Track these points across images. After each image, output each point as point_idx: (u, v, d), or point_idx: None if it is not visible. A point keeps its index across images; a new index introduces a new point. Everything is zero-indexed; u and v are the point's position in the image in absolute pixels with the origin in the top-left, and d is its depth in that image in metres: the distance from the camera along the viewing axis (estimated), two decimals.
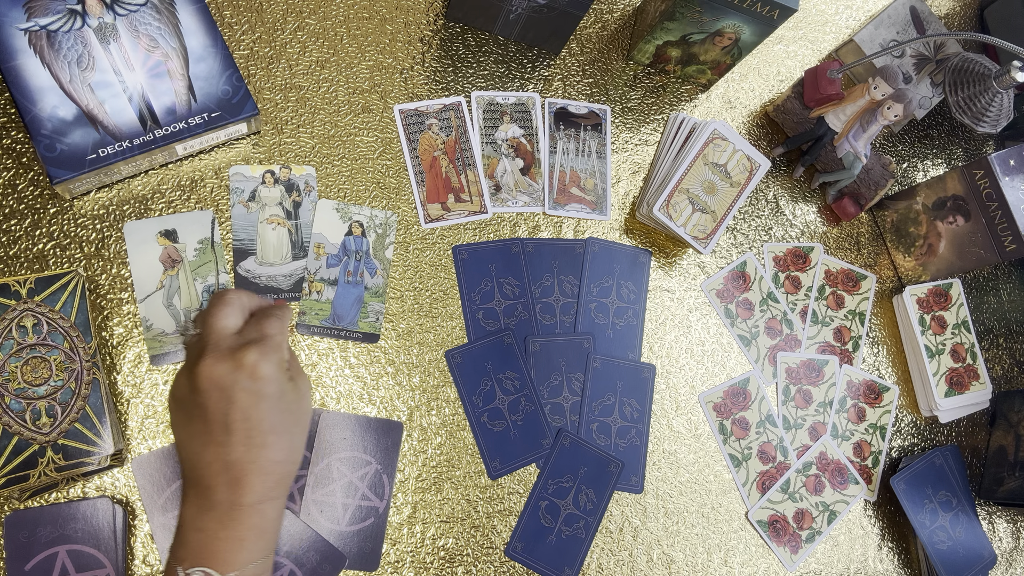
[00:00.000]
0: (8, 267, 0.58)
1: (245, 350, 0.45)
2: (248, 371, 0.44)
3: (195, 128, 0.61)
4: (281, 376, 0.46)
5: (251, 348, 0.45)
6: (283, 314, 0.50)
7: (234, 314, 0.47)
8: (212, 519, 0.45)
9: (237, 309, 0.48)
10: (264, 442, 0.45)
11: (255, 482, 0.45)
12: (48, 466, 0.53)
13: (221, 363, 0.45)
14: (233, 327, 0.47)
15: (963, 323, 0.83)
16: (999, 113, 0.78)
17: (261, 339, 0.46)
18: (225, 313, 0.47)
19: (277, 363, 0.46)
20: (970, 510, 0.78)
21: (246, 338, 0.46)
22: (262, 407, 0.45)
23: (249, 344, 0.45)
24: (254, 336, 0.46)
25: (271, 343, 0.46)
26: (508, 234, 0.72)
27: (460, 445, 0.65)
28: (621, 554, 0.68)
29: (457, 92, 0.74)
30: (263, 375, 0.45)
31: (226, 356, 0.45)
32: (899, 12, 0.90)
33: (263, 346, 0.45)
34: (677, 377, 0.74)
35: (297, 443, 0.48)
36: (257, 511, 0.45)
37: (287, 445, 0.47)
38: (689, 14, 0.72)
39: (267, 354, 0.45)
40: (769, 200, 0.82)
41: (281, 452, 0.46)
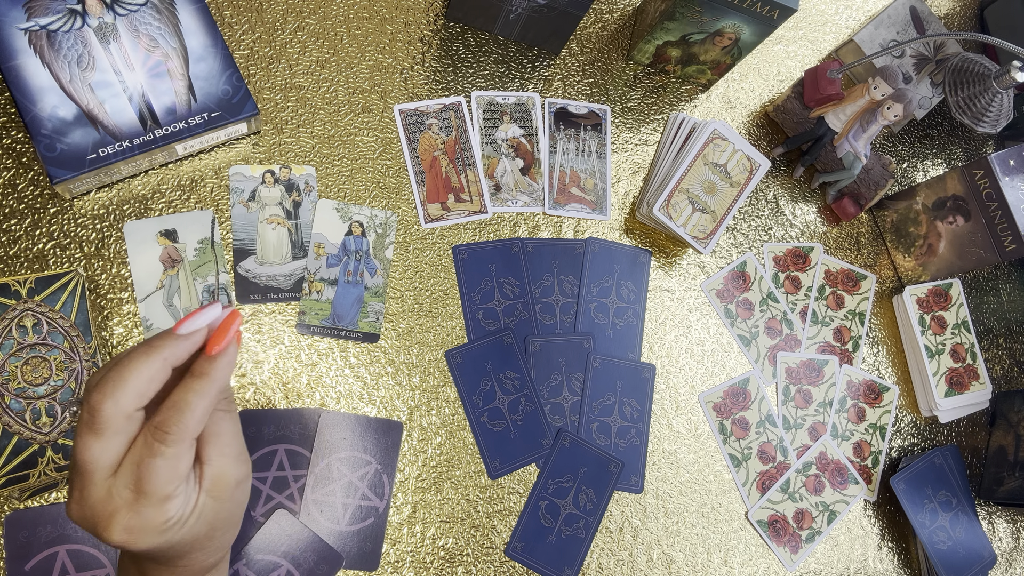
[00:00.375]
0: (8, 267, 0.58)
1: (108, 526, 0.35)
2: (117, 546, 0.35)
3: (195, 128, 0.61)
4: (164, 539, 0.36)
5: (115, 524, 0.35)
6: (195, 404, 0.36)
7: (106, 448, 0.35)
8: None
9: (112, 437, 0.35)
10: (169, 562, 0.39)
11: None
12: (48, 466, 0.53)
13: (85, 524, 0.35)
14: (104, 467, 0.35)
15: (963, 323, 0.83)
16: (999, 113, 0.78)
17: (133, 503, 0.35)
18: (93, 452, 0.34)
19: (156, 531, 0.35)
20: (970, 510, 0.78)
21: (113, 502, 0.35)
22: (153, 554, 0.37)
23: (114, 516, 0.35)
24: (124, 498, 0.35)
25: (146, 509, 0.35)
26: (508, 234, 0.72)
27: (460, 445, 0.65)
28: (621, 554, 0.68)
29: (457, 92, 0.74)
30: (135, 551, 0.36)
31: (89, 522, 0.35)
32: (899, 12, 0.90)
33: (133, 519, 0.35)
34: (677, 377, 0.74)
35: (216, 545, 0.40)
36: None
37: (200, 556, 0.39)
38: (689, 14, 0.72)
39: (137, 531, 0.35)
40: (769, 200, 0.82)
41: (193, 561, 0.39)
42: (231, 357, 0.38)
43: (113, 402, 0.35)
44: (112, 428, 0.35)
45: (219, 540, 0.40)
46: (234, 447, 0.39)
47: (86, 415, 0.35)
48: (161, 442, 0.35)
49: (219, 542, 0.40)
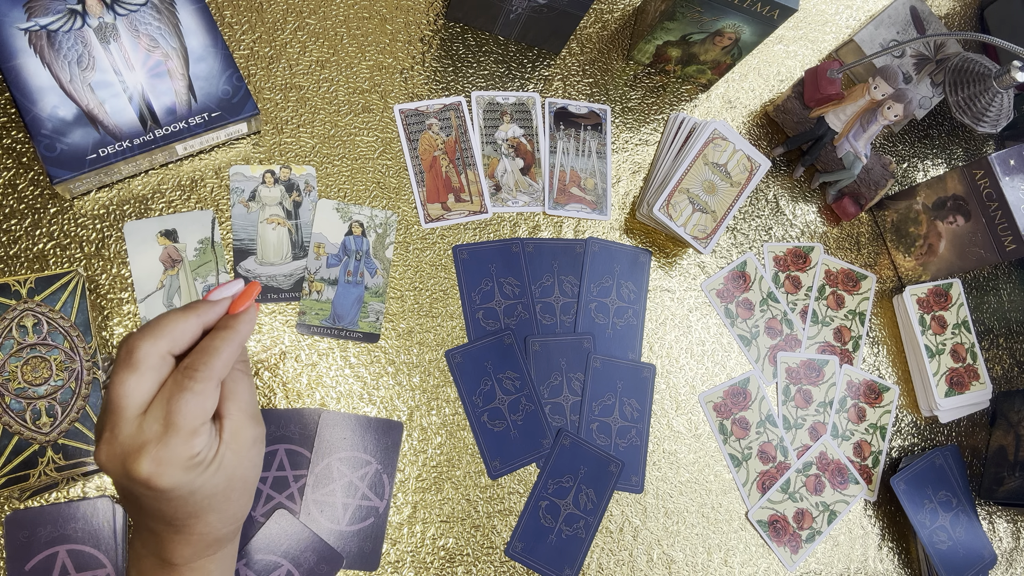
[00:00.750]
0: (8, 267, 0.58)
1: (137, 459, 0.37)
2: (142, 484, 0.38)
3: (195, 128, 0.61)
4: (188, 477, 0.38)
5: (144, 456, 0.37)
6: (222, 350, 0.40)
7: (139, 385, 0.38)
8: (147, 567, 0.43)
9: (146, 373, 0.38)
10: (185, 524, 0.41)
11: (182, 548, 0.41)
12: (48, 466, 0.53)
13: (112, 463, 0.38)
14: (136, 405, 0.38)
15: (963, 323, 0.83)
16: (999, 113, 0.78)
17: (162, 436, 0.38)
18: (127, 387, 0.38)
19: (182, 466, 0.38)
20: (970, 510, 0.78)
21: (143, 435, 0.37)
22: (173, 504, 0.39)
23: (144, 448, 0.37)
24: (153, 432, 0.38)
25: (174, 440, 0.38)
26: (508, 234, 0.72)
27: (460, 445, 0.65)
28: (621, 554, 0.68)
29: (457, 92, 0.74)
30: (160, 488, 0.38)
31: (118, 458, 0.38)
32: (899, 12, 0.90)
33: (161, 450, 0.37)
34: (677, 377, 0.74)
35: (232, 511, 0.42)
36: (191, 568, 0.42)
37: (216, 519, 0.41)
38: (689, 14, 0.72)
39: (165, 463, 0.37)
40: (769, 200, 0.82)
41: (208, 526, 0.41)
42: (252, 316, 0.43)
43: (151, 341, 0.39)
44: (146, 364, 0.38)
45: (234, 506, 0.42)
46: (251, 406, 0.43)
47: (124, 354, 0.39)
48: (190, 379, 0.39)
49: (233, 508, 0.42)
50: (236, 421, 0.41)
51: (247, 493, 0.43)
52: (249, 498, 0.44)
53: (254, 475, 0.43)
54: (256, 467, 0.43)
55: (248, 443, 0.42)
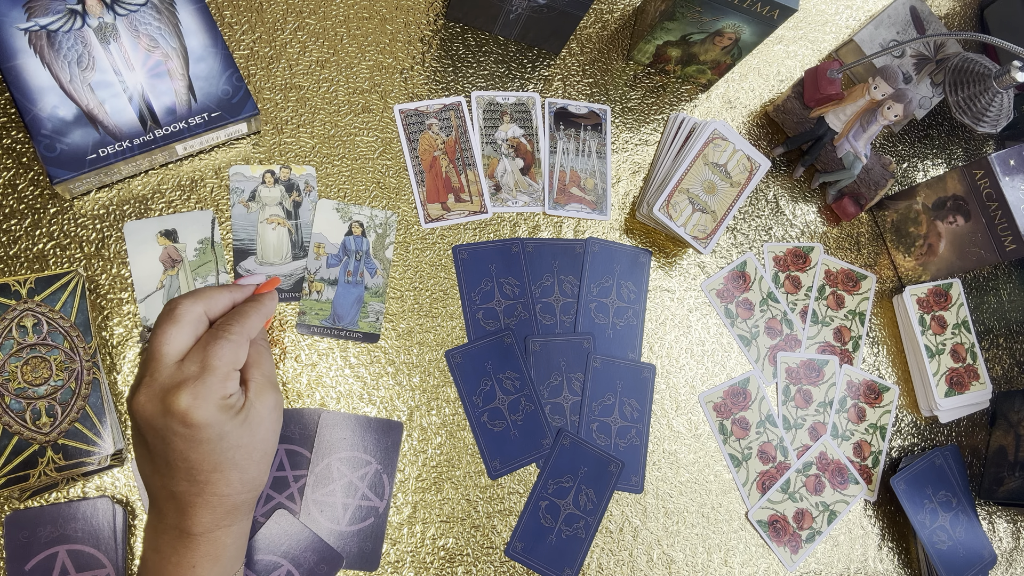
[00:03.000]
0: (8, 267, 0.58)
1: (177, 393, 0.41)
2: (179, 418, 0.41)
3: (195, 128, 0.61)
4: (220, 417, 0.42)
5: (184, 391, 0.41)
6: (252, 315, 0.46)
7: (180, 335, 0.43)
8: (166, 542, 0.44)
9: (186, 326, 0.43)
10: (208, 479, 0.43)
11: (202, 514, 0.43)
12: (48, 466, 0.53)
13: (151, 403, 0.41)
14: (175, 352, 0.43)
15: (963, 323, 0.83)
16: (999, 113, 0.78)
17: (200, 375, 0.42)
18: (169, 335, 0.43)
19: (216, 404, 0.42)
20: (970, 510, 0.78)
21: (183, 374, 0.42)
22: (201, 450, 0.42)
23: (183, 385, 0.41)
24: (192, 371, 0.42)
25: (211, 379, 0.42)
26: (508, 234, 0.72)
27: (460, 445, 0.65)
28: (621, 554, 0.68)
29: (457, 92, 0.74)
30: (196, 422, 0.41)
31: (157, 396, 0.41)
32: (899, 12, 0.90)
33: (199, 386, 0.41)
34: (677, 377, 0.74)
35: (251, 474, 0.45)
36: (208, 539, 0.44)
37: (236, 478, 0.44)
38: (689, 14, 0.72)
39: (202, 397, 0.41)
40: (769, 200, 0.82)
41: (228, 487, 0.44)
42: (274, 297, 0.51)
43: (191, 300, 0.45)
44: (185, 319, 0.44)
45: (254, 468, 0.45)
46: (272, 375, 0.48)
47: (166, 311, 0.44)
48: (226, 331, 0.44)
49: (253, 472, 0.45)
50: (259, 384, 0.46)
51: (266, 459, 0.47)
52: (267, 466, 0.47)
53: (273, 440, 0.47)
54: (275, 433, 0.47)
55: (270, 405, 0.46)
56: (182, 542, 0.44)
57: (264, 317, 0.48)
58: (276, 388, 0.47)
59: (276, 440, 0.47)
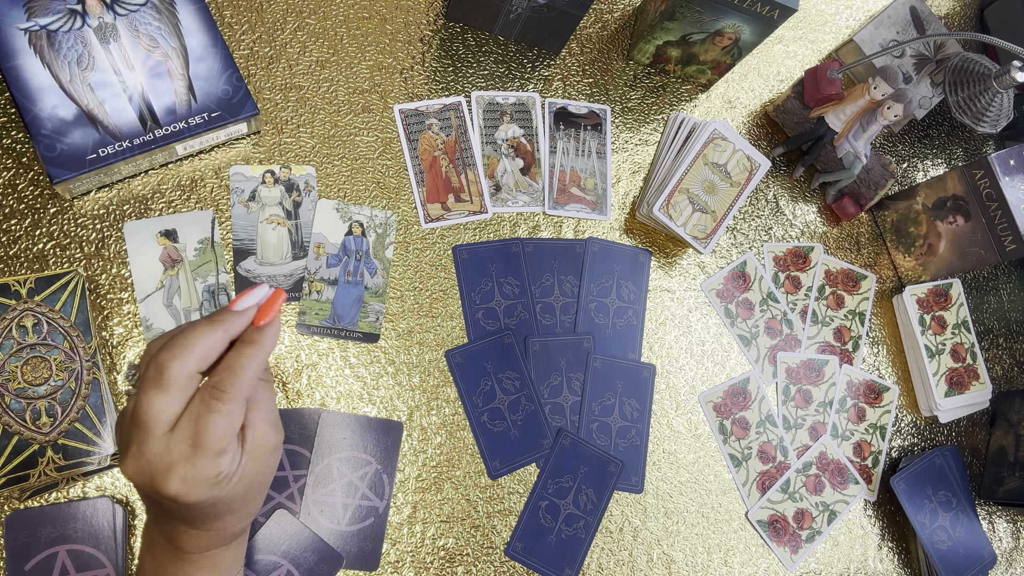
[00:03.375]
0: (8, 267, 0.58)
1: (166, 477, 0.38)
2: (170, 499, 0.39)
3: (195, 128, 0.61)
4: (213, 492, 0.39)
5: (173, 475, 0.38)
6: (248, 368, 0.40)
7: (169, 403, 0.38)
8: (162, 553, 0.44)
9: (176, 393, 0.38)
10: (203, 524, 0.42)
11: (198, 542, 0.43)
12: (48, 466, 0.53)
13: (140, 478, 0.39)
14: (164, 423, 0.38)
15: (963, 323, 0.83)
16: (999, 113, 0.78)
17: (190, 457, 0.38)
18: (157, 405, 0.38)
19: (208, 484, 0.39)
20: (970, 510, 0.78)
21: (172, 455, 0.38)
22: (194, 512, 0.40)
23: (172, 468, 0.38)
24: (181, 452, 0.38)
25: (202, 461, 0.38)
26: (508, 234, 0.72)
27: (460, 445, 0.65)
28: (621, 554, 0.68)
29: (457, 92, 0.74)
30: (188, 504, 0.39)
31: (146, 473, 0.38)
32: (899, 12, 0.90)
33: (189, 470, 0.38)
34: (677, 377, 0.74)
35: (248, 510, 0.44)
36: (206, 558, 0.43)
37: (232, 519, 0.43)
38: (689, 14, 0.72)
39: (192, 483, 0.38)
40: (769, 200, 0.82)
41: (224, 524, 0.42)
42: (276, 328, 0.43)
43: (181, 362, 0.39)
44: (176, 385, 0.38)
45: (250, 505, 0.43)
46: (272, 415, 0.43)
47: (153, 372, 0.38)
48: (218, 400, 0.39)
49: (250, 507, 0.43)
50: (259, 431, 0.42)
51: (263, 493, 0.44)
52: (263, 496, 0.45)
53: (270, 477, 0.44)
54: (273, 469, 0.44)
55: (269, 451, 0.43)
56: (179, 557, 0.43)
57: (264, 360, 0.42)
58: (276, 429, 0.43)
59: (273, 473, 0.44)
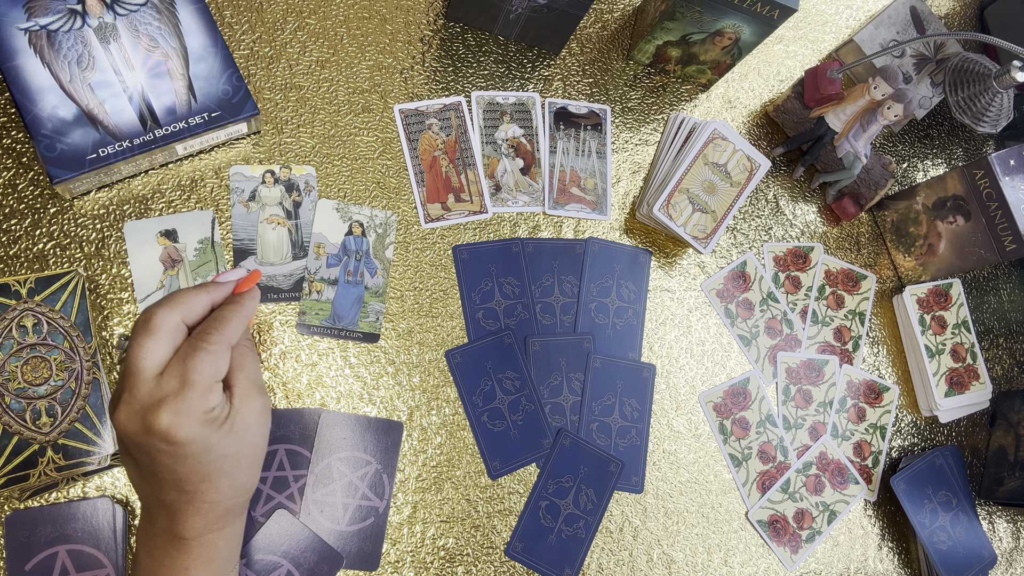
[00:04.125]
0: (8, 267, 0.58)
1: (157, 412, 0.40)
2: (161, 436, 0.40)
3: (195, 128, 0.61)
4: (204, 431, 0.41)
5: (164, 409, 0.40)
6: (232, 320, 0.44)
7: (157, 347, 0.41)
8: (158, 545, 0.44)
9: (163, 338, 0.41)
10: (197, 488, 0.42)
11: (193, 520, 0.43)
12: (48, 466, 0.53)
13: (131, 421, 0.40)
14: (153, 366, 0.41)
15: (963, 323, 0.83)
16: (999, 113, 0.78)
17: (179, 391, 0.40)
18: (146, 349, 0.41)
19: (198, 419, 0.41)
20: (970, 510, 0.78)
21: (162, 390, 0.40)
22: (188, 463, 0.41)
23: (163, 402, 0.40)
24: (171, 387, 0.40)
25: (191, 394, 0.40)
26: (508, 234, 0.72)
27: (460, 445, 0.65)
28: (621, 554, 0.68)
29: (457, 92, 0.74)
30: (178, 440, 0.40)
31: (137, 414, 0.40)
32: (899, 12, 0.90)
33: (179, 403, 0.40)
34: (677, 377, 0.74)
35: (241, 480, 0.44)
36: (201, 543, 0.44)
37: (226, 485, 0.44)
38: (689, 14, 0.72)
39: (183, 415, 0.40)
40: (769, 200, 0.82)
41: (218, 493, 0.43)
42: (255, 295, 0.47)
43: (167, 309, 0.42)
44: (163, 330, 0.41)
45: (243, 474, 0.44)
46: (258, 377, 0.46)
47: (141, 322, 0.42)
48: (205, 341, 0.42)
49: (243, 477, 0.45)
50: (244, 389, 0.44)
51: (255, 463, 0.46)
52: (257, 470, 0.46)
53: (262, 444, 0.46)
54: (264, 436, 0.46)
55: (256, 410, 0.45)
56: (174, 545, 0.44)
57: (245, 319, 0.45)
58: (263, 391, 0.46)
59: (265, 443, 0.46)
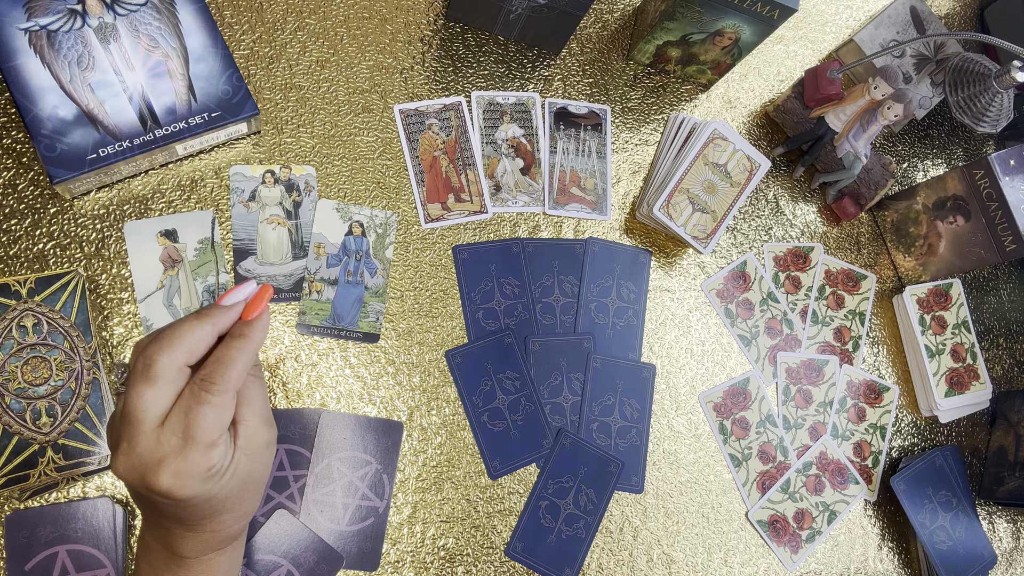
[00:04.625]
0: (8, 267, 0.58)
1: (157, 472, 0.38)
2: (162, 495, 0.38)
3: (195, 128, 0.61)
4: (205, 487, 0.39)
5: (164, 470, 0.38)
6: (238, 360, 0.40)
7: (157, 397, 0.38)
8: (159, 559, 0.43)
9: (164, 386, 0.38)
10: (199, 525, 0.41)
11: (194, 545, 0.42)
12: (48, 466, 0.53)
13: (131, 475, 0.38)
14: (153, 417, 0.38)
15: (963, 323, 0.83)
16: (999, 113, 0.78)
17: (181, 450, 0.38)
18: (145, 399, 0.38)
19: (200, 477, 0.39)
20: (970, 510, 0.78)
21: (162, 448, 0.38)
22: (188, 510, 0.40)
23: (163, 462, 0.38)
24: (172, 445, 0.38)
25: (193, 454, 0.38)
26: (508, 234, 0.72)
27: (460, 445, 0.65)
28: (621, 554, 0.68)
29: (457, 92, 0.74)
30: (180, 499, 0.39)
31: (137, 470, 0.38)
32: (899, 12, 0.90)
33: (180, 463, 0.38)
34: (677, 377, 0.74)
35: (244, 510, 0.43)
36: (202, 561, 0.43)
37: (229, 518, 0.42)
38: (689, 14, 0.72)
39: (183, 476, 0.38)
40: (769, 200, 0.82)
41: (220, 525, 0.42)
42: (265, 322, 0.43)
43: (168, 354, 0.38)
44: (164, 378, 0.38)
45: (246, 504, 0.43)
46: (264, 411, 0.43)
47: (141, 366, 0.38)
48: (208, 392, 0.39)
49: (245, 507, 0.43)
50: (251, 427, 0.42)
51: (259, 492, 0.44)
52: (259, 496, 0.45)
53: (265, 475, 0.44)
54: (267, 467, 0.44)
55: (262, 447, 0.42)
56: (176, 562, 0.43)
57: (252, 354, 0.42)
58: (268, 425, 0.43)
59: (268, 472, 0.44)
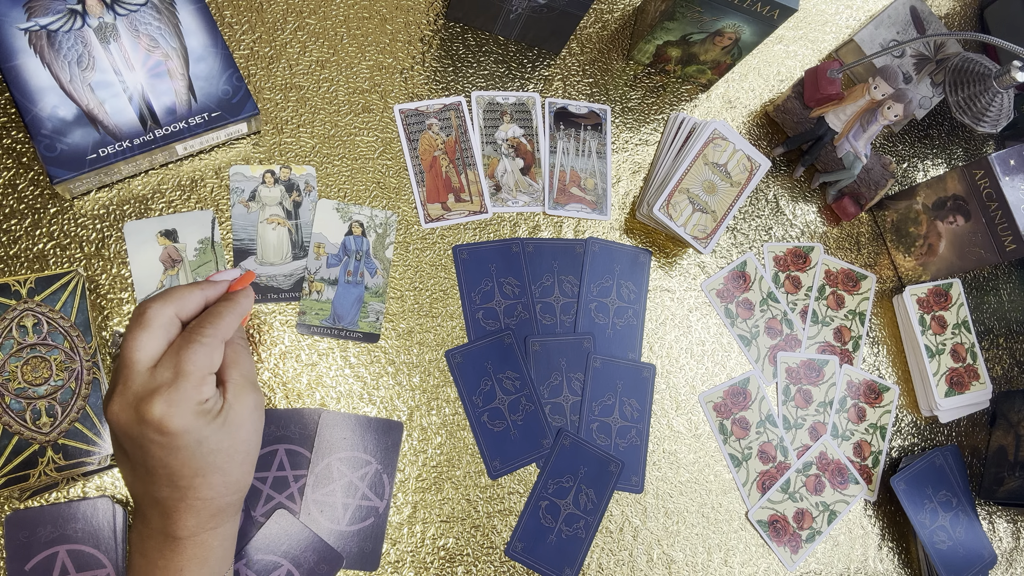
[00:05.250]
0: (8, 267, 0.58)
1: (150, 401, 0.40)
2: (155, 426, 0.40)
3: (195, 128, 0.61)
4: (197, 423, 0.41)
5: (157, 399, 0.40)
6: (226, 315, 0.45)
7: (151, 340, 0.42)
8: (152, 546, 0.44)
9: (157, 331, 0.42)
10: (190, 484, 0.42)
11: (186, 518, 0.43)
12: (48, 466, 0.53)
13: (125, 412, 0.41)
14: (147, 358, 0.41)
15: (963, 323, 0.83)
16: (999, 113, 0.78)
17: (173, 381, 0.41)
18: (140, 341, 0.41)
19: (192, 410, 0.41)
20: (970, 510, 0.78)
21: (156, 381, 0.41)
22: (180, 456, 0.42)
23: (156, 392, 0.40)
24: (165, 378, 0.41)
25: (185, 385, 0.41)
26: (508, 234, 0.72)
27: (460, 445, 0.65)
28: (621, 554, 0.68)
29: (457, 92, 0.74)
30: (171, 430, 0.40)
31: (131, 405, 0.41)
32: (899, 12, 0.90)
33: (173, 393, 0.40)
34: (677, 377, 0.74)
35: (234, 476, 0.45)
36: (194, 542, 0.44)
37: (219, 482, 0.44)
38: (689, 14, 0.72)
39: (176, 404, 0.40)
40: (769, 200, 0.82)
41: (211, 490, 0.43)
42: (250, 293, 0.48)
43: (161, 303, 0.43)
44: (157, 323, 0.42)
45: (237, 470, 0.45)
46: (251, 374, 0.47)
47: (136, 316, 0.43)
48: (199, 334, 0.43)
49: (236, 474, 0.45)
50: (238, 384, 0.45)
51: (249, 460, 0.46)
52: (251, 467, 0.46)
53: (255, 441, 0.46)
54: (257, 433, 0.46)
55: (250, 406, 0.45)
56: (168, 546, 0.44)
57: (239, 316, 0.46)
58: (256, 388, 0.46)
59: (259, 440, 0.46)
